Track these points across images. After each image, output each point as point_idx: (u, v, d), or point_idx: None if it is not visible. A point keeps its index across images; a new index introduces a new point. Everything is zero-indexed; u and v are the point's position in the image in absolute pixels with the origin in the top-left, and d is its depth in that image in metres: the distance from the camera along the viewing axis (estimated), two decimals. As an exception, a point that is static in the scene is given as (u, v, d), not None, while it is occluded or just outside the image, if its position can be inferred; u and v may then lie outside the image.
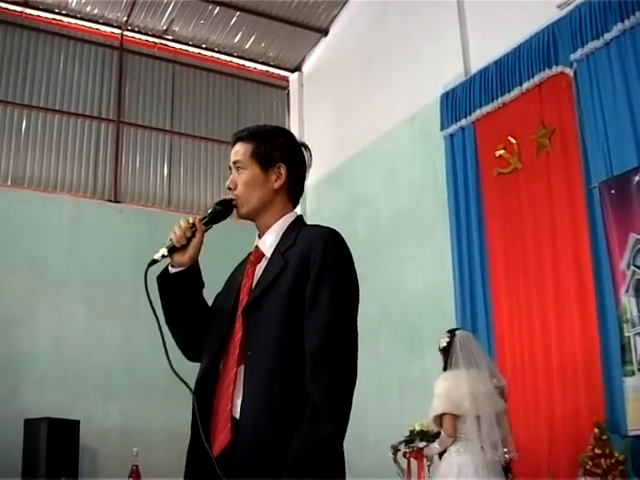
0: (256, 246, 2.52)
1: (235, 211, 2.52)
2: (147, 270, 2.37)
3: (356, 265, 2.41)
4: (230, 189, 2.50)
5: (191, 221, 2.44)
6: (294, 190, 2.55)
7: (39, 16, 9.08)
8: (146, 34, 9.69)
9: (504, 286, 6.55)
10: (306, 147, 2.59)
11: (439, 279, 7.15)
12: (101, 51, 9.44)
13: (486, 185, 6.90)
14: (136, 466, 6.39)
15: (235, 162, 2.50)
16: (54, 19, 9.16)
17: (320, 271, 2.31)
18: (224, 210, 2.51)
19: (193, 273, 2.51)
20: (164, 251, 2.44)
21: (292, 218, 2.52)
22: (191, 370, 2.44)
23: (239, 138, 2.51)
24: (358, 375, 2.33)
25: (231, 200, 2.49)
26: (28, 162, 8.65)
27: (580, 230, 5.91)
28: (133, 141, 9.34)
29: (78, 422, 7.23)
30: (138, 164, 9.26)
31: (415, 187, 7.88)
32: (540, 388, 6.06)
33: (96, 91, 9.26)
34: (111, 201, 8.95)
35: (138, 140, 9.37)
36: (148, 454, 6.58)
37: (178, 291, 2.50)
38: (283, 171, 2.48)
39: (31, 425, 7.08)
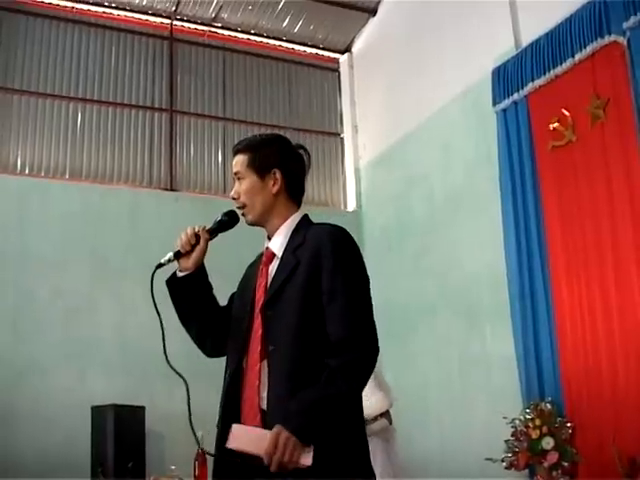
0: (267, 247, 2.67)
1: (244, 219, 2.70)
2: (154, 273, 2.61)
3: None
4: (235, 199, 2.67)
5: (196, 229, 2.65)
6: (294, 191, 2.70)
7: (89, 10, 9.17)
8: (195, 23, 9.74)
9: (562, 259, 6.48)
10: (304, 149, 2.76)
11: (496, 255, 7.10)
12: (151, 42, 9.51)
13: (540, 159, 6.82)
14: (202, 450, 6.47)
15: (236, 173, 2.67)
16: (104, 12, 9.25)
17: (334, 263, 2.46)
18: (230, 221, 2.72)
19: (199, 276, 2.69)
20: (170, 255, 2.67)
21: (298, 218, 2.68)
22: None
23: (237, 150, 2.69)
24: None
25: (237, 208, 2.67)
26: (85, 155, 8.77)
27: (638, 200, 5.83)
28: (187, 129, 9.42)
29: (143, 408, 7.33)
30: (192, 152, 9.34)
31: (469, 163, 7.83)
32: (602, 361, 6.00)
33: (148, 82, 9.34)
34: (167, 190, 9.05)
35: (192, 128, 9.44)
36: (213, 438, 6.66)
37: (186, 293, 2.69)
38: (279, 176, 2.63)
39: (98, 412, 7.19)
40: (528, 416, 6.20)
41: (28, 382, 7.57)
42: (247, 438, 2.35)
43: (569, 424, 6.09)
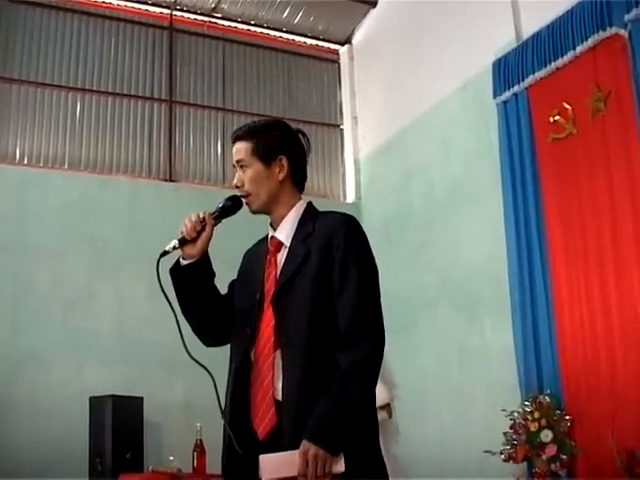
0: (272, 236, 2.63)
1: (247, 207, 2.65)
2: (159, 261, 2.55)
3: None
4: (238, 187, 2.62)
5: (201, 216, 2.59)
6: (298, 178, 2.67)
7: (88, 0, 9.14)
8: (195, 13, 9.69)
9: (562, 252, 6.48)
10: (303, 134, 2.71)
11: (496, 248, 7.09)
12: (151, 32, 9.47)
13: (541, 151, 6.81)
14: (200, 440, 6.49)
15: (238, 161, 2.61)
16: (103, 2, 9.20)
17: (345, 254, 2.45)
18: (234, 206, 2.64)
19: (203, 264, 2.64)
20: (175, 243, 2.61)
21: (304, 206, 2.65)
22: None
23: (238, 137, 2.63)
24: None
25: (241, 196, 2.62)
26: (84, 145, 8.74)
27: (638, 192, 5.82)
28: (186, 120, 9.39)
29: (142, 399, 7.33)
30: (192, 143, 9.31)
31: (469, 156, 7.81)
32: (601, 353, 6.00)
33: (147, 72, 9.31)
34: (166, 180, 9.03)
35: (191, 119, 9.41)
36: (211, 428, 6.66)
37: (190, 282, 2.64)
38: (284, 162, 2.59)
39: (96, 403, 7.18)
40: (527, 409, 6.19)
41: (26, 373, 7.56)
42: (278, 465, 2.31)
43: (568, 417, 6.08)
